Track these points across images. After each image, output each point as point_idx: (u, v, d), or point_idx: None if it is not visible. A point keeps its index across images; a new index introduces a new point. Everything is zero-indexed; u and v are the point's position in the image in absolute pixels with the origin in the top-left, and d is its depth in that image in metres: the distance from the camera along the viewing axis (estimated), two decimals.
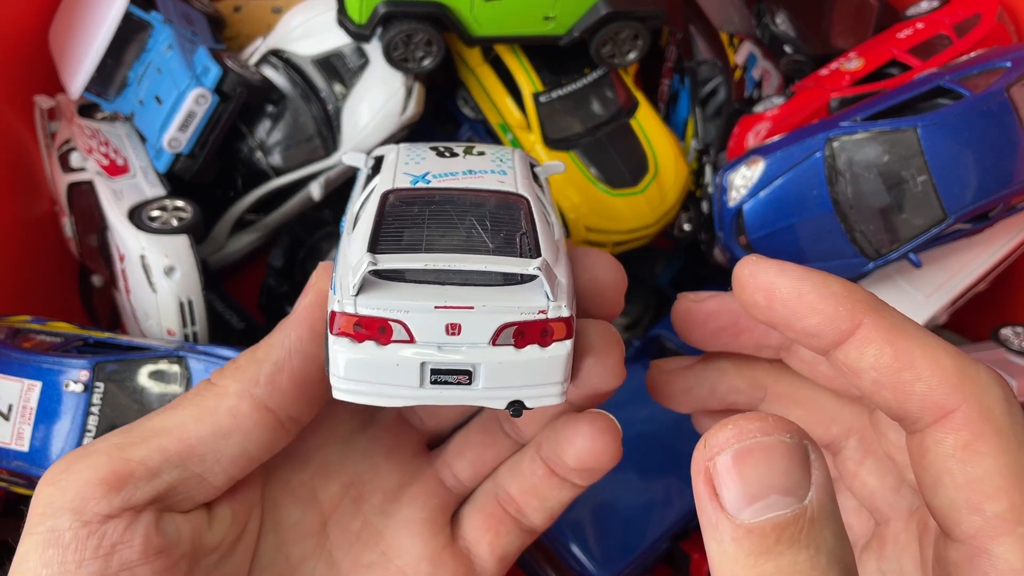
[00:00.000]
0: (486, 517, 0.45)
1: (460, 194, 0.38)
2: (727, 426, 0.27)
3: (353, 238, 0.36)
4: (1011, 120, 0.61)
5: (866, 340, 0.32)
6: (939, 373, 0.31)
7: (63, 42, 0.72)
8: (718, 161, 0.78)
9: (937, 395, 0.31)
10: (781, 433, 0.27)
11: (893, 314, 0.33)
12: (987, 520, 0.29)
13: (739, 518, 0.26)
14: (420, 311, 0.32)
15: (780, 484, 0.26)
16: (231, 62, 0.68)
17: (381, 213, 0.36)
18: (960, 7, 0.76)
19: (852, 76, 0.74)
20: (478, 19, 0.68)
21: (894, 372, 0.32)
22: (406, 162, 0.40)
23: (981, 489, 0.30)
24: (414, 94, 0.71)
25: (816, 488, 0.26)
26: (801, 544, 0.26)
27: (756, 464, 0.26)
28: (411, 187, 0.38)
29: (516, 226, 0.36)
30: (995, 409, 0.30)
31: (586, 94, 0.75)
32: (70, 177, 0.72)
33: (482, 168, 0.40)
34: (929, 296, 0.69)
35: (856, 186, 0.64)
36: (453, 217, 0.36)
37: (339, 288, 0.34)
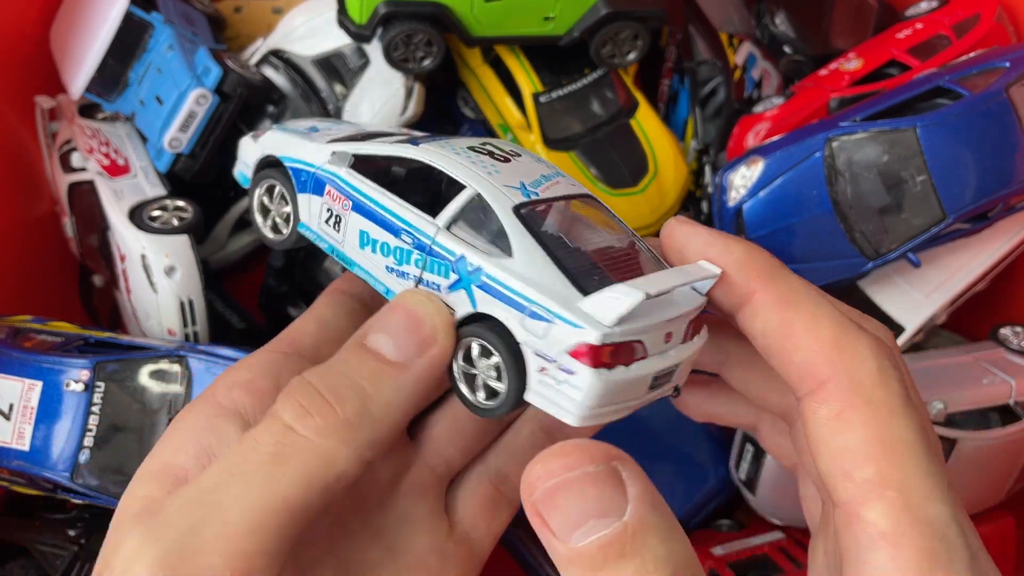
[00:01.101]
0: (482, 500, 0.45)
1: (568, 203, 0.39)
2: (536, 465, 0.29)
3: (522, 265, 0.35)
4: (1010, 120, 0.61)
5: (755, 310, 0.34)
6: (815, 344, 0.33)
7: (64, 42, 0.72)
8: (718, 161, 0.78)
9: (812, 365, 0.33)
10: (586, 465, 0.29)
11: (789, 283, 0.34)
12: (857, 486, 0.31)
13: (568, 543, 0.28)
14: (655, 328, 0.34)
15: (594, 509, 0.28)
16: (232, 62, 0.68)
17: (537, 236, 0.35)
18: (959, 7, 0.76)
19: (851, 76, 0.75)
20: (478, 19, 0.68)
21: (778, 341, 0.34)
22: (489, 172, 0.38)
23: (851, 457, 0.31)
24: (414, 94, 0.72)
25: (633, 503, 0.28)
26: (627, 557, 0.28)
27: (568, 497, 0.28)
28: (533, 200, 0.37)
29: (626, 230, 0.40)
30: (865, 380, 0.32)
31: (586, 94, 0.75)
32: (71, 177, 0.72)
33: (547, 173, 0.40)
34: (928, 296, 0.69)
35: (855, 186, 0.64)
36: (589, 230, 0.38)
37: (560, 319, 0.33)
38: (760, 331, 0.35)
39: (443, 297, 0.37)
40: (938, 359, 0.68)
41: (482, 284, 0.35)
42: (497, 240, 0.36)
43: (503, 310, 0.34)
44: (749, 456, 0.69)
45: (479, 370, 0.36)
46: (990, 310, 0.76)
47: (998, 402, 0.66)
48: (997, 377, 0.66)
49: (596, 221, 0.39)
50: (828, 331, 0.33)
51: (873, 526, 0.30)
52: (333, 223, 0.41)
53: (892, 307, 0.70)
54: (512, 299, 0.34)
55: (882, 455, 0.31)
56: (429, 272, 0.37)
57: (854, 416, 0.32)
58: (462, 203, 0.37)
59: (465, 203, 0.37)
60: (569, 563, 0.29)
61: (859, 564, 0.31)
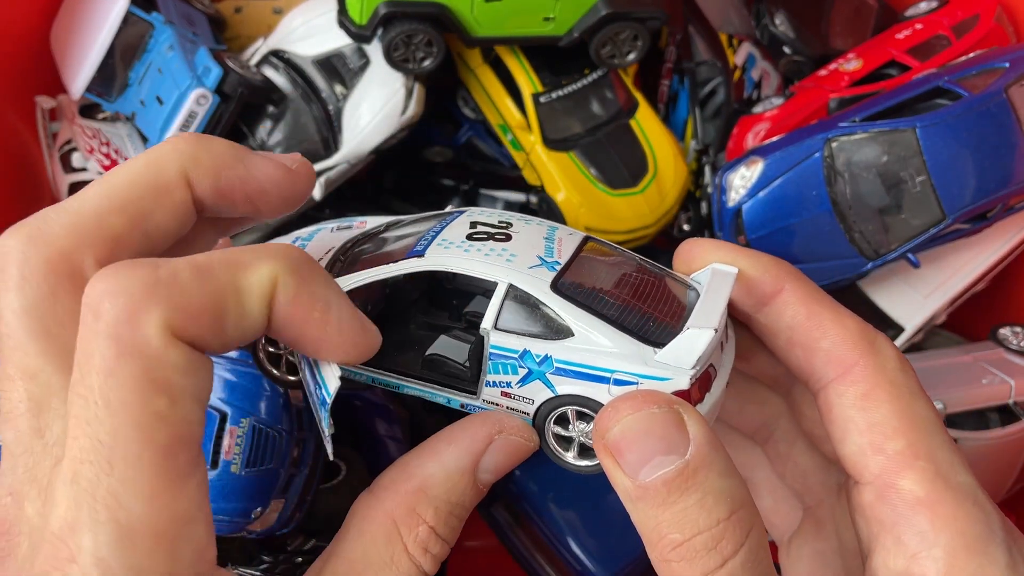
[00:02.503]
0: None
1: (580, 254, 0.39)
2: (608, 410, 0.33)
3: (586, 340, 0.35)
4: (1009, 121, 0.61)
5: (785, 302, 0.37)
6: (843, 333, 0.36)
7: (64, 43, 0.72)
8: (717, 161, 0.78)
9: (840, 351, 0.36)
10: (650, 407, 0.32)
11: (811, 285, 0.38)
12: (889, 458, 0.34)
13: (637, 479, 0.31)
14: (714, 347, 0.35)
15: (660, 447, 0.31)
16: (232, 62, 0.69)
17: (585, 306, 0.36)
18: (959, 8, 0.76)
19: (851, 77, 0.75)
20: (478, 20, 0.68)
21: (806, 331, 0.37)
22: (507, 260, 0.38)
23: (882, 431, 0.34)
24: (414, 94, 0.72)
25: (695, 442, 0.31)
26: (688, 491, 0.31)
27: (637, 437, 0.31)
28: (560, 270, 0.37)
29: (627, 254, 0.42)
30: (888, 365, 0.35)
31: (586, 94, 0.75)
32: (72, 177, 0.72)
33: (546, 233, 0.41)
34: (928, 296, 0.69)
35: (855, 186, 0.64)
36: (607, 269, 0.39)
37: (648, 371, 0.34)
38: (788, 322, 0.37)
39: (516, 392, 0.37)
40: (938, 359, 0.69)
41: (556, 370, 0.36)
42: (549, 323, 0.36)
43: (586, 387, 0.35)
44: None
45: (575, 433, 0.37)
46: (990, 310, 0.76)
47: (998, 402, 0.66)
48: (997, 377, 0.66)
49: (605, 257, 0.40)
50: (852, 323, 0.36)
51: (910, 493, 0.33)
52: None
53: (892, 307, 0.70)
54: (592, 375, 0.35)
55: (910, 428, 0.34)
56: (493, 373, 0.37)
57: (881, 395, 0.34)
58: (501, 298, 0.37)
59: (503, 297, 0.37)
60: (637, 498, 0.31)
61: (898, 531, 0.33)
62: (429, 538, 0.35)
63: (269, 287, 0.32)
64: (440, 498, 0.36)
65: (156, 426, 0.28)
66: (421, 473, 0.36)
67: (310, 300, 0.33)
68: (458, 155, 0.84)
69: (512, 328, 0.37)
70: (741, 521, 0.31)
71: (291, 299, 0.32)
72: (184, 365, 0.30)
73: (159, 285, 0.29)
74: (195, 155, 0.35)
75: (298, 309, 0.33)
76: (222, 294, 0.31)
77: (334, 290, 0.34)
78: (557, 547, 0.70)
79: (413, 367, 0.39)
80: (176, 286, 0.30)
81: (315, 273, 0.34)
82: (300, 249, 0.34)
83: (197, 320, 0.30)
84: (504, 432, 0.37)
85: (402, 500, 0.35)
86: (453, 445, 0.36)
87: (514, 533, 0.74)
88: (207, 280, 0.31)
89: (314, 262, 0.34)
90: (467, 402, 0.39)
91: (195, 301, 0.30)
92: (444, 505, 0.36)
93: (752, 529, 0.31)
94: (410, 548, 0.35)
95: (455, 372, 0.38)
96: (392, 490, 0.36)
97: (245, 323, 0.32)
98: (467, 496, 0.36)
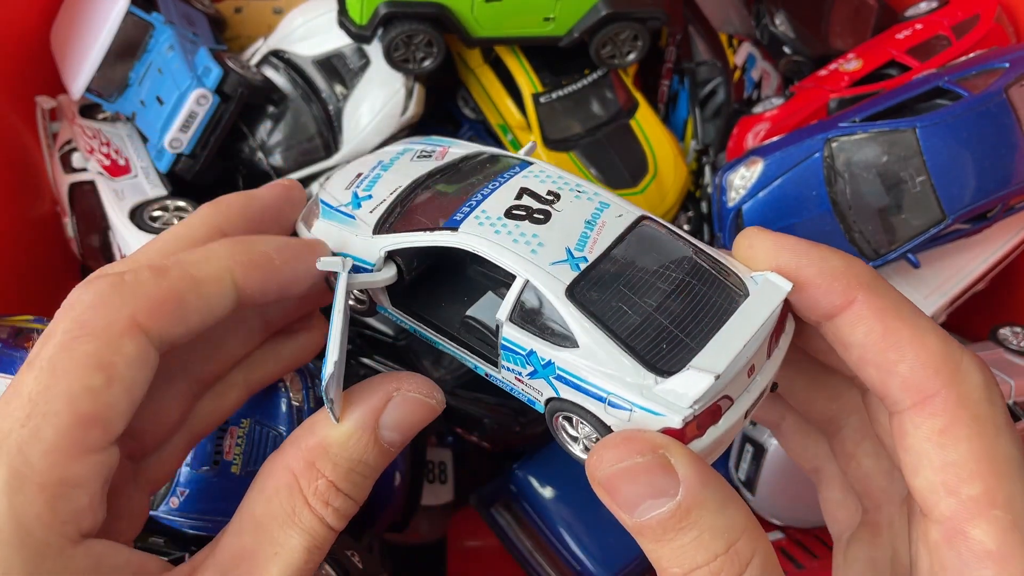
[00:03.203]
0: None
1: (630, 243, 0.38)
2: (593, 456, 0.33)
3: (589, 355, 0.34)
4: (1009, 121, 0.61)
5: (858, 316, 0.34)
6: (923, 356, 0.33)
7: (64, 43, 0.72)
8: (717, 162, 0.78)
9: (919, 378, 0.33)
10: (632, 456, 0.31)
11: (889, 292, 0.35)
12: (963, 503, 0.31)
13: (632, 519, 0.32)
14: (737, 374, 0.34)
15: (647, 492, 0.31)
16: (232, 63, 0.69)
17: (597, 318, 0.35)
18: (959, 8, 0.76)
19: (851, 77, 0.75)
20: (478, 20, 0.68)
21: (881, 351, 0.34)
22: (533, 250, 0.36)
23: (957, 473, 0.32)
24: (414, 95, 0.72)
25: (684, 483, 0.31)
26: (683, 530, 0.31)
27: (622, 484, 0.32)
28: (584, 269, 0.36)
29: (684, 240, 0.40)
30: (973, 395, 0.32)
31: (586, 95, 0.75)
32: (72, 177, 0.72)
33: (590, 216, 0.39)
34: (928, 296, 0.69)
35: (855, 186, 0.64)
36: (647, 261, 0.37)
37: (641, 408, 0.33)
38: (860, 339, 0.34)
39: (527, 382, 0.37)
40: None
41: (558, 376, 0.35)
42: (557, 328, 0.35)
43: (584, 399, 0.35)
44: (748, 456, 0.69)
45: (580, 435, 0.37)
46: (990, 310, 0.76)
47: None
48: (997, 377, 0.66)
49: (651, 245, 0.38)
50: (935, 343, 0.33)
51: (980, 544, 0.31)
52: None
53: None
54: (589, 391, 0.34)
55: (989, 472, 0.31)
56: (506, 362, 0.38)
57: (961, 432, 0.32)
58: (517, 293, 0.36)
59: (519, 292, 0.36)
60: (638, 533, 0.32)
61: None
62: (329, 491, 0.36)
63: (226, 273, 0.36)
64: (340, 455, 0.36)
65: (83, 397, 0.32)
66: (322, 430, 0.36)
67: (265, 257, 0.38)
68: None
69: (524, 325, 0.36)
70: (739, 553, 0.31)
71: (251, 264, 0.37)
72: (133, 357, 0.33)
73: (124, 284, 0.34)
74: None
75: (263, 269, 0.37)
76: (179, 285, 0.35)
77: (275, 237, 0.39)
78: (557, 547, 0.70)
79: (452, 324, 0.40)
80: (138, 285, 0.35)
81: (254, 239, 0.39)
82: (244, 236, 0.39)
83: (158, 311, 0.34)
84: (402, 390, 0.37)
85: (302, 455, 0.36)
86: (352, 404, 0.37)
87: (514, 533, 0.74)
88: (164, 276, 0.35)
89: (250, 237, 0.39)
90: (491, 373, 0.39)
91: (155, 295, 0.34)
92: (344, 461, 0.36)
93: (753, 556, 0.31)
94: (311, 500, 0.36)
95: (486, 340, 0.39)
96: (294, 446, 0.37)
97: (205, 307, 0.36)
98: (369, 453, 0.36)
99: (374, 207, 0.42)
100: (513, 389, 0.39)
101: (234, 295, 0.37)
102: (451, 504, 0.79)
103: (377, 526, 0.68)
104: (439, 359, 0.70)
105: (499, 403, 0.69)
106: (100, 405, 0.33)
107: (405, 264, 0.40)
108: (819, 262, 0.35)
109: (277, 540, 0.35)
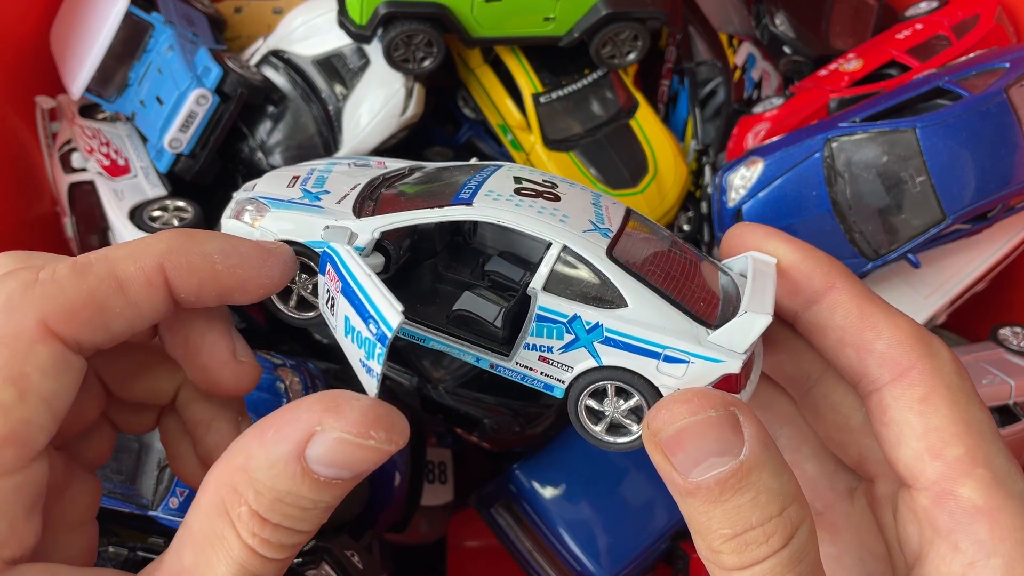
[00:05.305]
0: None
1: (627, 225, 0.39)
2: (662, 411, 0.32)
3: (640, 312, 0.35)
4: (1010, 121, 0.61)
5: (837, 301, 0.37)
6: (898, 334, 0.35)
7: (64, 43, 0.72)
8: (717, 162, 0.78)
9: (896, 353, 0.35)
10: (708, 410, 0.31)
11: (862, 284, 0.37)
12: (948, 464, 0.33)
13: (689, 478, 0.31)
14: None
15: (715, 449, 0.31)
16: (232, 63, 0.69)
17: (640, 278, 0.35)
18: (959, 8, 0.76)
19: (851, 77, 0.75)
20: (478, 20, 0.68)
21: (859, 332, 0.36)
22: (560, 220, 0.37)
23: (940, 436, 0.34)
24: (414, 95, 0.72)
25: (749, 443, 0.31)
26: (742, 490, 0.31)
27: (692, 439, 0.31)
28: (613, 238, 0.37)
29: (662, 231, 0.41)
30: (945, 368, 0.35)
31: (586, 95, 0.75)
32: (71, 177, 0.72)
33: (592, 199, 0.40)
34: (928, 296, 0.69)
35: (855, 187, 0.64)
36: (650, 244, 0.38)
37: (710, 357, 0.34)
38: (840, 321, 0.36)
39: (556, 358, 0.36)
40: None
41: (605, 339, 0.35)
42: (603, 290, 0.35)
43: (634, 360, 0.35)
44: None
45: (611, 409, 0.36)
46: (990, 310, 0.76)
47: (998, 402, 0.66)
48: (997, 377, 0.66)
49: (645, 232, 0.40)
50: (906, 324, 0.36)
51: (969, 501, 0.33)
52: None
53: None
54: (643, 348, 0.35)
55: (968, 434, 0.33)
56: (536, 336, 0.36)
57: (939, 399, 0.34)
58: (553, 259, 0.36)
59: (556, 259, 0.36)
60: (689, 495, 0.31)
61: (955, 538, 0.33)
62: (253, 520, 0.31)
63: (155, 274, 0.33)
64: (263, 483, 0.31)
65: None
66: (246, 452, 0.32)
67: (204, 259, 0.34)
68: (458, 155, 0.84)
69: (563, 292, 0.36)
70: (791, 517, 0.31)
71: (187, 270, 0.34)
72: (48, 365, 0.31)
73: (37, 285, 0.31)
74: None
75: (200, 273, 0.34)
76: (100, 289, 0.32)
77: (222, 237, 0.36)
78: (557, 547, 0.70)
79: (438, 320, 0.38)
80: (54, 285, 0.31)
81: (196, 237, 0.35)
82: (176, 230, 0.35)
83: (75, 316, 0.32)
84: (326, 424, 0.31)
85: (227, 476, 0.32)
86: (274, 431, 0.31)
87: (514, 533, 0.74)
88: (84, 277, 0.32)
89: (191, 231, 0.35)
90: (498, 363, 0.38)
91: (72, 298, 0.31)
92: (268, 491, 0.31)
93: (802, 523, 0.31)
94: (237, 527, 0.31)
95: (487, 332, 0.38)
96: (224, 461, 0.32)
97: (132, 312, 0.33)
98: (299, 487, 0.31)
99: (339, 199, 0.40)
100: (525, 376, 0.37)
101: (165, 300, 0.34)
102: (451, 504, 0.79)
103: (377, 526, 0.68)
104: (439, 359, 0.70)
105: (499, 403, 0.69)
106: (14, 422, 0.30)
107: (394, 253, 0.39)
108: (802, 250, 0.38)
109: (211, 563, 0.32)
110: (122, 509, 0.54)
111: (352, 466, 0.31)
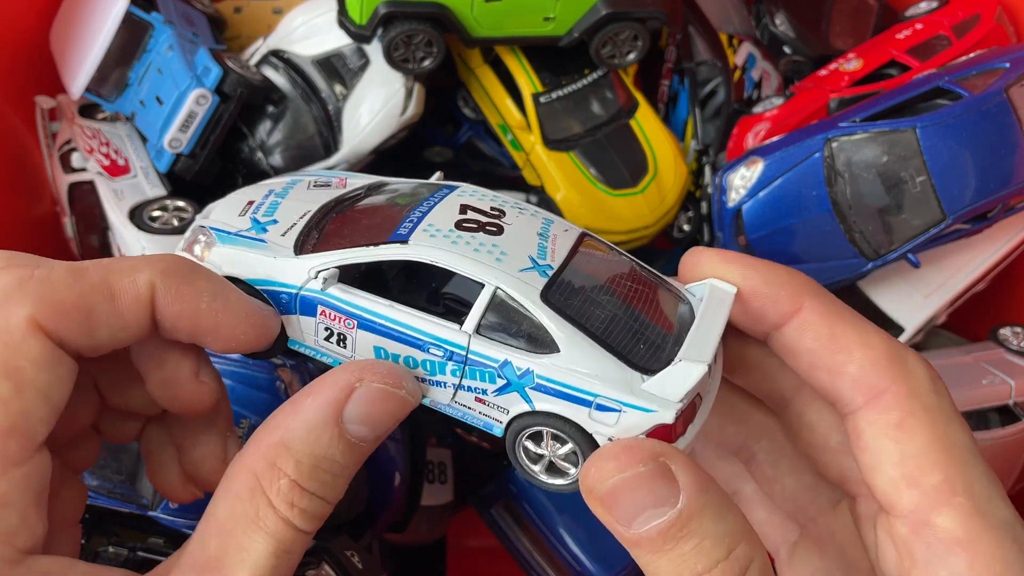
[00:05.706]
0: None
1: (575, 255, 0.37)
2: (591, 469, 0.32)
3: (572, 359, 0.34)
4: (1010, 121, 0.61)
5: (806, 323, 0.35)
6: (870, 355, 0.34)
7: (64, 43, 0.72)
8: (717, 162, 0.78)
9: (868, 376, 0.33)
10: (635, 466, 0.31)
11: (832, 299, 0.36)
12: (925, 493, 0.32)
13: (631, 530, 0.31)
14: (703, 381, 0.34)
15: (649, 502, 0.30)
16: (232, 63, 0.69)
17: (575, 321, 0.34)
18: (959, 8, 0.76)
19: (851, 77, 0.75)
20: (478, 20, 0.68)
21: (829, 354, 0.34)
22: (496, 259, 0.36)
23: (917, 464, 0.32)
24: (414, 95, 0.72)
25: (685, 491, 0.30)
26: (684, 538, 0.30)
27: (624, 494, 0.31)
28: (552, 276, 0.35)
29: (621, 254, 0.40)
30: (921, 388, 0.33)
31: (586, 95, 0.75)
32: (71, 177, 0.72)
33: (540, 228, 0.38)
34: (928, 296, 0.69)
35: (855, 186, 0.64)
36: (600, 270, 0.37)
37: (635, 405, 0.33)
38: (809, 344, 0.35)
39: (491, 400, 0.36)
40: (938, 359, 0.69)
41: (537, 386, 0.34)
42: (535, 335, 0.34)
43: (566, 407, 0.34)
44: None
45: (547, 453, 0.36)
46: (990, 310, 0.76)
47: (998, 403, 0.66)
48: (997, 377, 0.66)
49: (599, 258, 0.38)
50: (879, 343, 0.34)
51: (946, 532, 0.31)
52: (337, 341, 0.38)
53: (892, 308, 0.70)
54: (575, 396, 0.34)
55: (947, 461, 0.32)
56: (470, 379, 0.35)
57: (915, 424, 0.32)
58: (485, 302, 0.35)
59: (488, 301, 0.35)
60: (634, 545, 0.31)
61: (932, 569, 0.31)
62: (292, 491, 0.33)
63: (145, 291, 0.34)
64: (302, 451, 0.33)
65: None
66: (283, 427, 0.34)
67: (194, 293, 0.35)
68: (458, 155, 0.84)
69: (495, 335, 0.35)
70: (739, 558, 0.30)
71: (174, 297, 0.34)
72: (40, 358, 0.32)
73: (32, 281, 0.32)
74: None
75: (183, 304, 0.35)
76: (92, 294, 0.33)
77: (218, 280, 0.36)
78: (557, 547, 0.70)
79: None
80: (48, 283, 0.32)
81: (196, 270, 0.36)
82: (178, 255, 0.36)
83: (65, 317, 0.32)
84: (366, 380, 0.34)
85: (263, 454, 0.34)
86: (312, 397, 0.34)
87: (514, 533, 0.74)
88: (79, 280, 0.33)
89: (194, 263, 0.37)
90: (438, 400, 0.37)
91: (64, 298, 0.32)
92: (307, 458, 0.33)
93: (752, 561, 0.31)
94: (274, 502, 0.33)
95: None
96: (255, 445, 0.34)
97: (117, 323, 0.34)
98: (334, 450, 0.34)
99: (284, 231, 0.39)
100: (465, 415, 0.37)
101: (147, 320, 0.34)
102: (451, 504, 0.79)
103: (377, 526, 0.68)
104: None
105: None
106: (13, 414, 0.31)
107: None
108: (764, 272, 0.36)
109: (242, 546, 0.33)
110: (122, 509, 0.54)
111: (382, 421, 0.35)
